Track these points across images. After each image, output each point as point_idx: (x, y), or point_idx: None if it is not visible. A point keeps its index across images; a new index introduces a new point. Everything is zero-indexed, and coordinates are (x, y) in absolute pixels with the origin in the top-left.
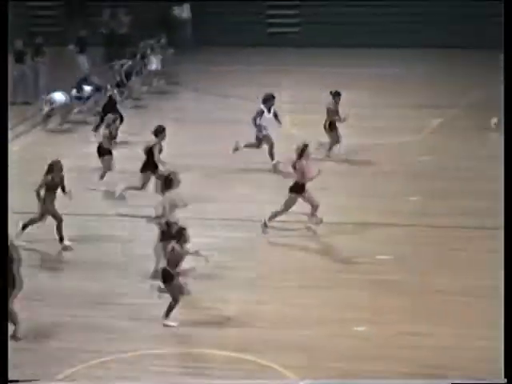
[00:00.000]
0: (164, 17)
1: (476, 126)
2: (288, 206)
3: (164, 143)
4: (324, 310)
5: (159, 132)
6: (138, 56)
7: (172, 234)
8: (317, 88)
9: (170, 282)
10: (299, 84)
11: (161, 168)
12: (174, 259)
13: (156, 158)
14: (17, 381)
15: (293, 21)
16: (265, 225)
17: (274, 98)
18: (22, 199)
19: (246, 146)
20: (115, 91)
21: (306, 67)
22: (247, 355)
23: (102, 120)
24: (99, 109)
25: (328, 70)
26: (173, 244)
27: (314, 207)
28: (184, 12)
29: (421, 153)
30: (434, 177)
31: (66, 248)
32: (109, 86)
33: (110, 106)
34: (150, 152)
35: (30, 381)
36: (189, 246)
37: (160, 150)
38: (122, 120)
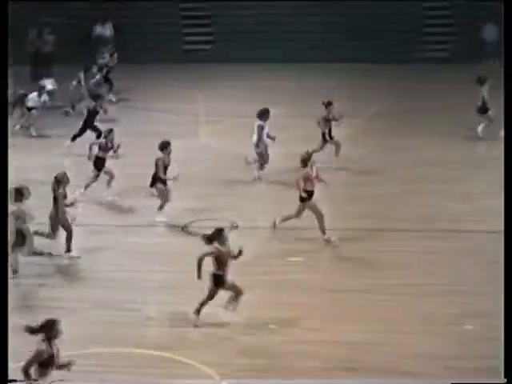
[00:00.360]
0: (87, 35)
1: (382, 133)
2: (318, 213)
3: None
4: (240, 309)
5: (164, 147)
6: (105, 70)
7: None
8: (231, 101)
9: (223, 285)
10: (214, 97)
11: (168, 181)
12: (221, 260)
13: (159, 172)
14: (17, 380)
15: (206, 38)
16: (327, 241)
17: (269, 112)
18: None
19: (256, 161)
20: (93, 105)
21: (219, 82)
22: (167, 353)
23: (82, 133)
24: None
25: (241, 83)
26: (215, 245)
27: (320, 218)
28: (106, 31)
29: (331, 160)
30: (345, 183)
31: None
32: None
33: (90, 120)
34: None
35: (30, 381)
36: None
37: (167, 164)
38: (100, 134)
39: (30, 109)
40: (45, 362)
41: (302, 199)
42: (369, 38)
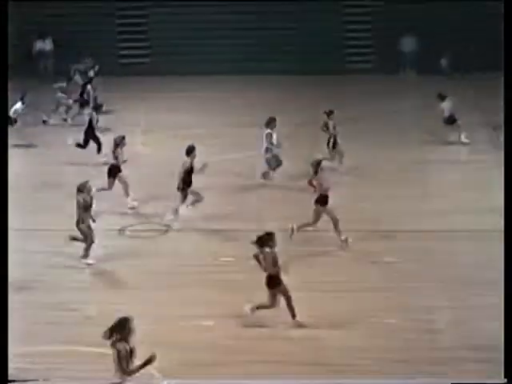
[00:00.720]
0: (28, 51)
1: (305, 140)
2: (317, 217)
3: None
4: (175, 308)
5: (190, 151)
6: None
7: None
8: (166, 111)
9: (278, 286)
10: (153, 109)
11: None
12: (271, 263)
13: (179, 175)
14: (16, 380)
15: (142, 52)
16: (292, 231)
17: (275, 120)
18: None
19: (264, 175)
20: (94, 114)
21: (157, 94)
22: (107, 350)
23: (86, 143)
24: None
25: (175, 94)
26: (265, 249)
27: (334, 221)
28: (47, 45)
29: (260, 165)
30: (274, 186)
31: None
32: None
33: (91, 130)
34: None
35: (30, 381)
36: None
37: (192, 168)
38: (100, 144)
39: (15, 120)
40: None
41: (319, 202)
42: (297, 50)
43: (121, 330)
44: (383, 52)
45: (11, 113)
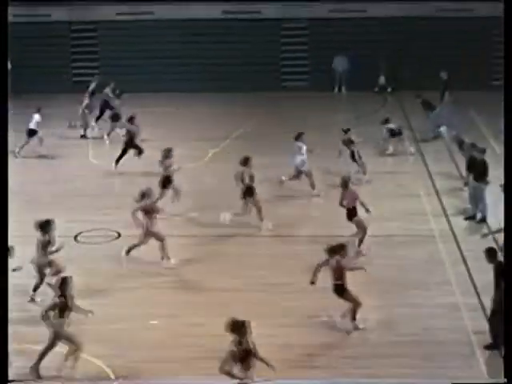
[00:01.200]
0: None
1: (244, 152)
2: (362, 228)
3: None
4: (127, 308)
5: (246, 162)
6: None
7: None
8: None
9: (344, 294)
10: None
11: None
12: (340, 272)
13: (246, 182)
14: (16, 380)
15: (94, 72)
16: (360, 252)
17: (303, 134)
18: None
19: (291, 179)
20: (127, 125)
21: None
22: (61, 348)
23: (123, 155)
24: None
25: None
26: (336, 258)
27: (364, 231)
28: None
29: (202, 176)
30: (214, 195)
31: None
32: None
33: (131, 141)
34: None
35: (30, 381)
36: None
37: (251, 177)
38: (141, 152)
39: (35, 132)
40: (244, 358)
41: (352, 216)
42: (238, 70)
43: (237, 331)
44: (318, 71)
45: (32, 125)
